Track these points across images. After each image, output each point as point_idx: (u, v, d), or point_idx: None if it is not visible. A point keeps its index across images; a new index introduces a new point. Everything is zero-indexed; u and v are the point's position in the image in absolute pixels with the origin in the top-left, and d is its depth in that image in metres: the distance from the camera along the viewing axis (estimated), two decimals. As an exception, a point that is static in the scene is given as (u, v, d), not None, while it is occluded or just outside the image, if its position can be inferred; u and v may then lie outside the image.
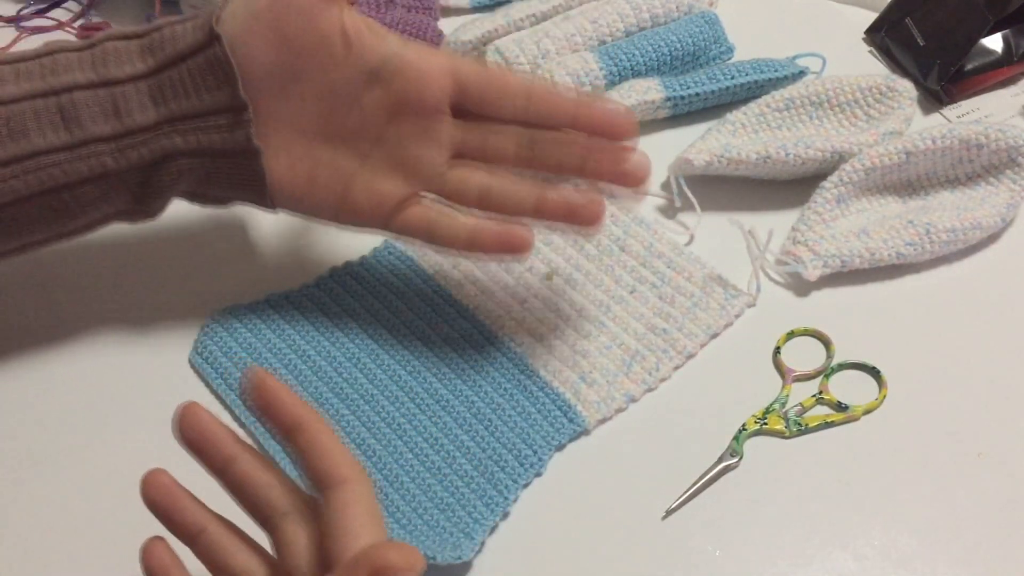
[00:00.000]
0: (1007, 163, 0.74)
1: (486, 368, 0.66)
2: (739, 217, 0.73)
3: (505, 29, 0.86)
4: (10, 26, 0.93)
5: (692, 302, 0.69)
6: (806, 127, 0.79)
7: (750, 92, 0.81)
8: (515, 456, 0.62)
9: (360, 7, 0.87)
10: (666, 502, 0.61)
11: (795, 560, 0.58)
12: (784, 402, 0.65)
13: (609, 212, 0.74)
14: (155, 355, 0.68)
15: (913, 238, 0.71)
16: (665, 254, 0.72)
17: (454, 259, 0.72)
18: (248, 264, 0.74)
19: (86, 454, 0.64)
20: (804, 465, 0.62)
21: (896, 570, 0.58)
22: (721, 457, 0.62)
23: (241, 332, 0.68)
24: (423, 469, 0.61)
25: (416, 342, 0.68)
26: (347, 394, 0.65)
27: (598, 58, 0.82)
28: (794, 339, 0.69)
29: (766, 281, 0.72)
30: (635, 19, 0.86)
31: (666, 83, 0.80)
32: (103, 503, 0.61)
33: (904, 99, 0.78)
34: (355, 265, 0.72)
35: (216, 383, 0.66)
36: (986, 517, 0.60)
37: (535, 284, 0.71)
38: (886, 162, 0.73)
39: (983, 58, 0.84)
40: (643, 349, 0.67)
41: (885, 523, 0.60)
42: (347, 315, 0.69)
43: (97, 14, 0.94)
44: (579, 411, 0.64)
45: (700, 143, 0.77)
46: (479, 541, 0.58)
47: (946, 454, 0.63)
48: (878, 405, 0.65)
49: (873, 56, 0.88)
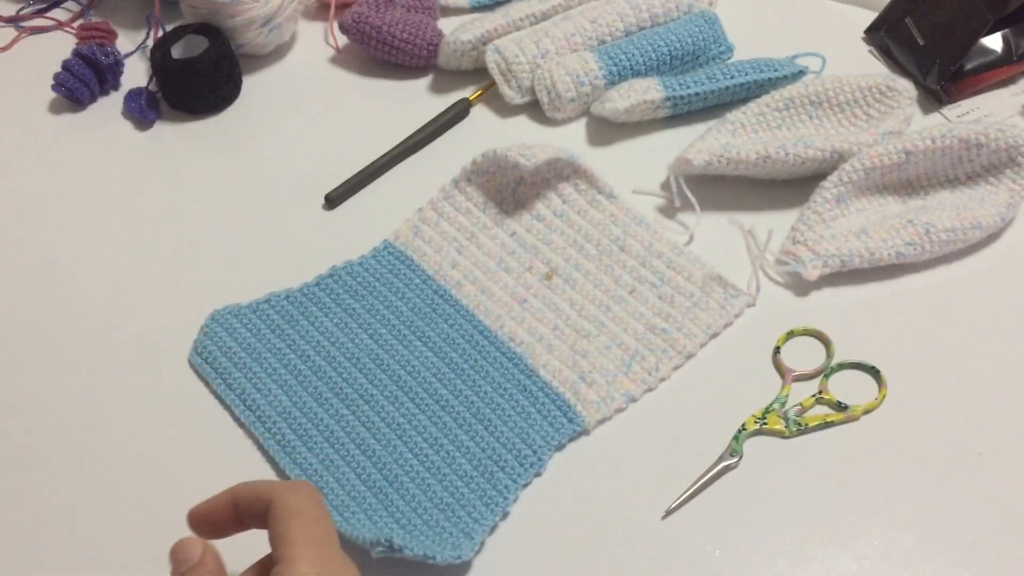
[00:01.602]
0: (1007, 162, 0.74)
1: (486, 368, 0.66)
2: (739, 217, 0.73)
3: (505, 29, 0.86)
4: (10, 26, 0.93)
5: (692, 302, 0.69)
6: (806, 127, 0.79)
7: (750, 92, 0.81)
8: (515, 456, 0.62)
9: (360, 7, 0.87)
10: (666, 502, 0.61)
11: (795, 559, 0.58)
12: (784, 402, 0.65)
13: (609, 212, 0.75)
14: (155, 355, 0.69)
15: (913, 238, 0.71)
16: (665, 254, 0.72)
17: (453, 259, 0.73)
18: (248, 264, 0.74)
19: (86, 454, 0.64)
20: (804, 465, 0.63)
21: (895, 569, 0.58)
22: (721, 457, 0.62)
23: (241, 332, 0.68)
24: (423, 469, 0.61)
25: (416, 342, 0.68)
26: (347, 394, 0.65)
27: (598, 58, 0.82)
28: (794, 339, 0.69)
29: (766, 281, 0.72)
30: (635, 19, 0.86)
31: (666, 83, 0.80)
32: (103, 502, 0.61)
33: (904, 99, 0.78)
34: (355, 265, 0.72)
35: (216, 383, 0.66)
36: (985, 517, 0.60)
37: (535, 284, 0.71)
38: (886, 161, 0.73)
39: (983, 57, 0.84)
40: (643, 349, 0.67)
41: (884, 523, 0.60)
42: (347, 315, 0.69)
43: (96, 14, 0.95)
44: (579, 411, 0.64)
45: (700, 143, 0.77)
46: (479, 541, 0.58)
47: (945, 454, 0.63)
48: (878, 405, 0.65)
49: (873, 56, 0.88)
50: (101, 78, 0.86)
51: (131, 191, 0.79)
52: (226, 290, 0.71)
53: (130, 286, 0.73)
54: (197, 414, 0.66)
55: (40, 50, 0.91)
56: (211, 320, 0.69)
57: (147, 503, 0.61)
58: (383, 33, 0.85)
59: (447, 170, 0.78)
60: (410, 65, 0.87)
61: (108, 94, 0.87)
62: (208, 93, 0.84)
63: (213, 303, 0.70)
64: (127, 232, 0.77)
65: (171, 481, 0.62)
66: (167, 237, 0.76)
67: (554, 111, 0.83)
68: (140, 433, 0.65)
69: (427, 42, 0.86)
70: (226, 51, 0.84)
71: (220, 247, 0.75)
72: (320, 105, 0.86)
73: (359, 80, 0.88)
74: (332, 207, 0.78)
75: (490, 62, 0.83)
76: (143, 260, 0.74)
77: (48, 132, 0.84)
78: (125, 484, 0.63)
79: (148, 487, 0.62)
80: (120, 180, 0.80)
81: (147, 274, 0.73)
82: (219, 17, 0.84)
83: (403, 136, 0.82)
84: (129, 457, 0.64)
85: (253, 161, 0.81)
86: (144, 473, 0.63)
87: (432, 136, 0.83)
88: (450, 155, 0.80)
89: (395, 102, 0.86)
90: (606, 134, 0.82)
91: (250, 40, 0.86)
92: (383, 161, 0.80)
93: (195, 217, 0.77)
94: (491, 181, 0.76)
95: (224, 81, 0.84)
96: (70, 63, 0.85)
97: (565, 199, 0.75)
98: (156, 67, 0.84)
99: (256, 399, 0.65)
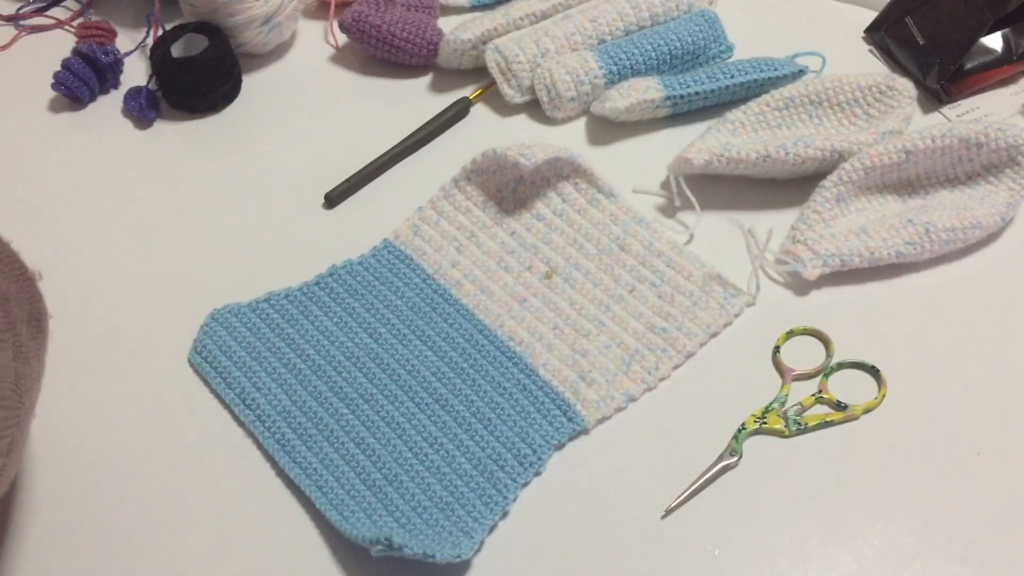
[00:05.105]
0: (1007, 162, 0.74)
1: (486, 367, 0.66)
2: (739, 216, 0.73)
3: (505, 28, 0.86)
4: (9, 24, 0.93)
5: (692, 301, 0.69)
6: (806, 126, 0.79)
7: (750, 91, 0.81)
8: (514, 455, 0.62)
9: (360, 6, 0.87)
10: (666, 501, 0.61)
11: (794, 559, 0.58)
12: (783, 401, 0.65)
13: (609, 211, 0.75)
14: (155, 354, 0.69)
15: (913, 237, 0.71)
16: (665, 253, 0.72)
17: (453, 258, 0.73)
18: (248, 263, 0.74)
19: (86, 453, 0.64)
20: (803, 464, 0.63)
21: (895, 569, 0.58)
22: (720, 456, 0.63)
23: (241, 332, 0.68)
24: (423, 468, 0.61)
25: (416, 341, 0.68)
26: (347, 394, 0.65)
27: (598, 57, 0.82)
28: (793, 338, 0.69)
29: (766, 280, 0.72)
30: (635, 18, 0.86)
31: (666, 82, 0.80)
32: (103, 502, 0.61)
33: (904, 98, 0.78)
34: (355, 264, 0.72)
35: (215, 383, 0.66)
36: (985, 516, 0.60)
37: (535, 283, 0.71)
38: (886, 161, 0.73)
39: (983, 57, 0.84)
40: (643, 348, 0.67)
41: (884, 522, 0.60)
42: (347, 315, 0.69)
43: (96, 13, 0.95)
44: (578, 410, 0.64)
45: (700, 142, 0.77)
46: (479, 540, 0.58)
47: (945, 454, 0.63)
48: (877, 404, 0.65)
49: (873, 55, 0.88)
50: (101, 77, 0.86)
51: (131, 190, 0.79)
52: (226, 289, 0.71)
53: (130, 285, 0.73)
54: (197, 414, 0.66)
55: (40, 49, 0.91)
56: (211, 319, 0.69)
57: (147, 502, 0.61)
58: (383, 32, 0.85)
59: (447, 169, 0.78)
60: (410, 64, 0.87)
61: (108, 93, 0.87)
62: (208, 92, 0.84)
63: (213, 302, 0.70)
64: (127, 231, 0.77)
65: (170, 480, 0.62)
66: (167, 236, 0.76)
67: (554, 110, 0.83)
68: (140, 432, 0.65)
69: (427, 41, 0.86)
70: (226, 50, 0.84)
71: (220, 246, 0.75)
72: (320, 104, 0.86)
73: (359, 79, 0.88)
74: (332, 206, 0.78)
75: (490, 61, 0.83)
76: (143, 259, 0.74)
77: (48, 131, 0.84)
78: (124, 483, 0.63)
79: (148, 486, 0.62)
80: (120, 179, 0.80)
81: (147, 273, 0.73)
82: (219, 16, 0.84)
83: (403, 135, 0.82)
84: (128, 456, 0.64)
85: (253, 160, 0.81)
86: (143, 472, 0.63)
87: (432, 135, 0.83)
88: (450, 154, 0.80)
89: (395, 101, 0.86)
90: (606, 133, 0.82)
91: (250, 39, 0.86)
92: (383, 160, 0.80)
93: (195, 216, 0.77)
94: (491, 180, 0.76)
95: (224, 80, 0.84)
96: (70, 62, 0.85)
97: (565, 198, 0.75)
98: (156, 66, 0.84)
99: (256, 398, 0.65)
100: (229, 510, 0.61)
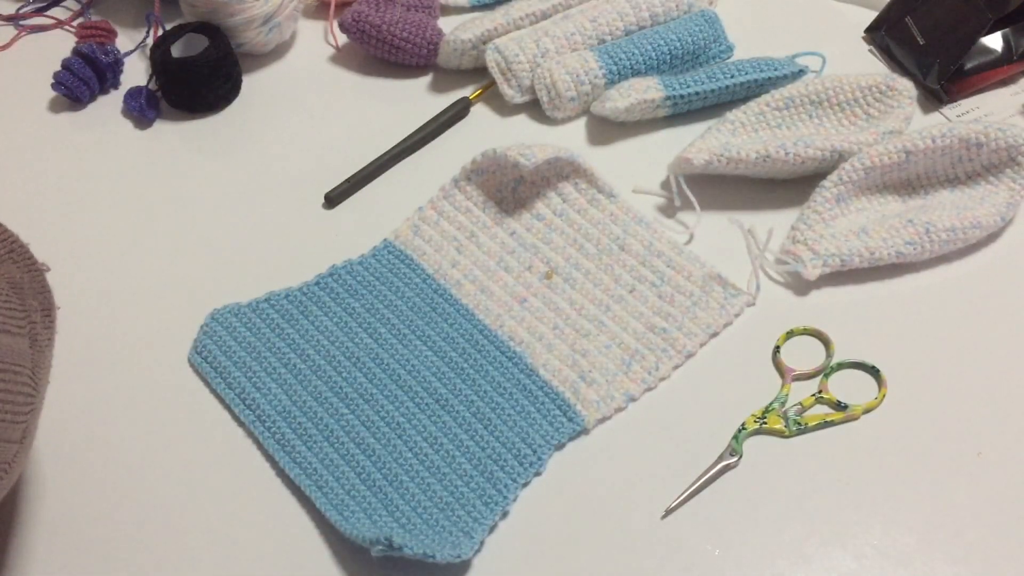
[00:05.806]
0: (1007, 162, 0.74)
1: (486, 367, 0.66)
2: (739, 216, 0.73)
3: (505, 28, 0.86)
4: (9, 24, 0.93)
5: (692, 301, 0.69)
6: (806, 126, 0.79)
7: (750, 91, 0.81)
8: (514, 455, 0.62)
9: (360, 6, 0.87)
10: (666, 501, 0.61)
11: (794, 559, 0.58)
12: (784, 401, 0.65)
13: (609, 211, 0.75)
14: (155, 355, 0.69)
15: (913, 237, 0.71)
16: (665, 253, 0.72)
17: (453, 258, 0.73)
18: (248, 263, 0.74)
19: (85, 453, 0.64)
20: (803, 464, 0.63)
21: (895, 569, 0.58)
22: (721, 456, 0.63)
23: (241, 332, 0.68)
24: (423, 468, 0.61)
25: (416, 341, 0.68)
26: (347, 394, 0.65)
27: (598, 57, 0.82)
28: (794, 338, 0.69)
29: (766, 280, 0.72)
30: (635, 18, 0.86)
31: (666, 82, 0.80)
32: (102, 501, 0.61)
33: (904, 98, 0.78)
34: (355, 264, 0.72)
35: (215, 383, 0.66)
36: (984, 516, 0.60)
37: (535, 283, 0.71)
38: (886, 161, 0.73)
39: (983, 57, 0.84)
40: (643, 348, 0.67)
41: (884, 522, 0.60)
42: (347, 315, 0.69)
43: (96, 12, 0.95)
44: (578, 410, 0.64)
45: (700, 142, 0.77)
46: (479, 540, 0.58)
47: (945, 453, 0.63)
48: (877, 404, 0.65)
49: (873, 55, 0.88)
50: (101, 77, 0.86)
51: (131, 190, 0.79)
52: (226, 289, 0.71)
53: (130, 285, 0.73)
54: (196, 413, 0.66)
55: (40, 49, 0.91)
56: (211, 319, 0.69)
57: (146, 503, 0.61)
58: (383, 32, 0.85)
59: (447, 169, 0.78)
60: (410, 64, 0.87)
61: (108, 93, 0.87)
62: (208, 92, 0.84)
63: (213, 302, 0.70)
64: (127, 231, 0.77)
65: (170, 480, 0.62)
66: (167, 236, 0.76)
67: (554, 110, 0.83)
68: (139, 432, 0.65)
69: (427, 41, 0.86)
70: (226, 50, 0.84)
71: (220, 246, 0.75)
72: (320, 104, 0.86)
73: (359, 79, 0.88)
74: (332, 206, 0.78)
75: (490, 61, 0.83)
76: (143, 259, 0.74)
77: (48, 131, 0.84)
78: (124, 483, 0.63)
79: (147, 487, 0.62)
80: (120, 179, 0.80)
81: (147, 273, 0.73)
82: (219, 16, 0.84)
83: (403, 135, 0.82)
84: (128, 456, 0.64)
85: (253, 160, 0.81)
86: (143, 472, 0.63)
87: (432, 135, 0.83)
88: (450, 154, 0.80)
89: (395, 101, 0.86)
90: (606, 133, 0.82)
91: (250, 39, 0.86)
92: (383, 160, 0.80)
93: (195, 216, 0.77)
94: (491, 180, 0.76)
95: (224, 80, 0.84)
96: (70, 62, 0.85)
97: (565, 198, 0.75)
98: (156, 66, 0.84)
99: (256, 398, 0.65)
100: (229, 510, 0.61)
